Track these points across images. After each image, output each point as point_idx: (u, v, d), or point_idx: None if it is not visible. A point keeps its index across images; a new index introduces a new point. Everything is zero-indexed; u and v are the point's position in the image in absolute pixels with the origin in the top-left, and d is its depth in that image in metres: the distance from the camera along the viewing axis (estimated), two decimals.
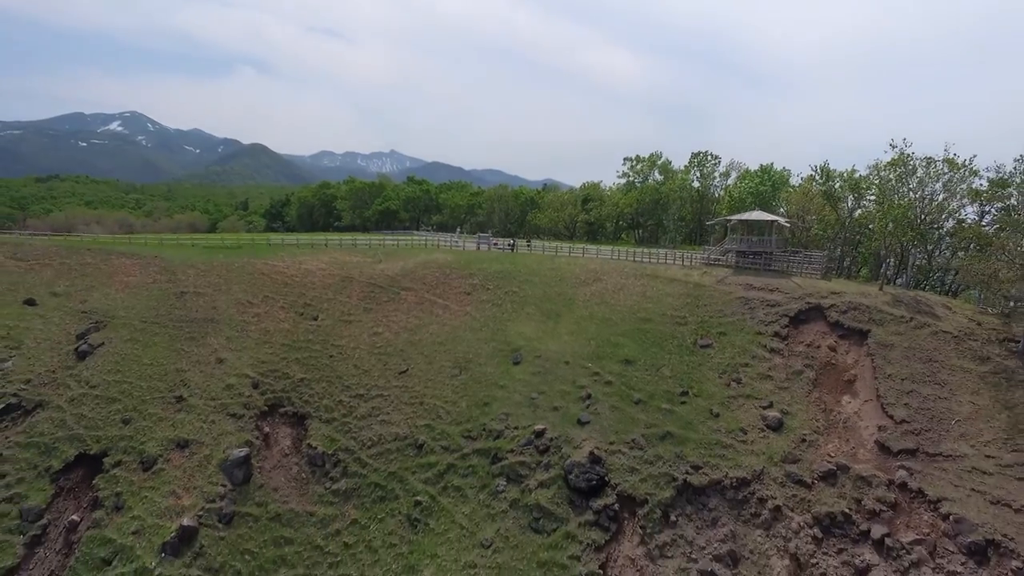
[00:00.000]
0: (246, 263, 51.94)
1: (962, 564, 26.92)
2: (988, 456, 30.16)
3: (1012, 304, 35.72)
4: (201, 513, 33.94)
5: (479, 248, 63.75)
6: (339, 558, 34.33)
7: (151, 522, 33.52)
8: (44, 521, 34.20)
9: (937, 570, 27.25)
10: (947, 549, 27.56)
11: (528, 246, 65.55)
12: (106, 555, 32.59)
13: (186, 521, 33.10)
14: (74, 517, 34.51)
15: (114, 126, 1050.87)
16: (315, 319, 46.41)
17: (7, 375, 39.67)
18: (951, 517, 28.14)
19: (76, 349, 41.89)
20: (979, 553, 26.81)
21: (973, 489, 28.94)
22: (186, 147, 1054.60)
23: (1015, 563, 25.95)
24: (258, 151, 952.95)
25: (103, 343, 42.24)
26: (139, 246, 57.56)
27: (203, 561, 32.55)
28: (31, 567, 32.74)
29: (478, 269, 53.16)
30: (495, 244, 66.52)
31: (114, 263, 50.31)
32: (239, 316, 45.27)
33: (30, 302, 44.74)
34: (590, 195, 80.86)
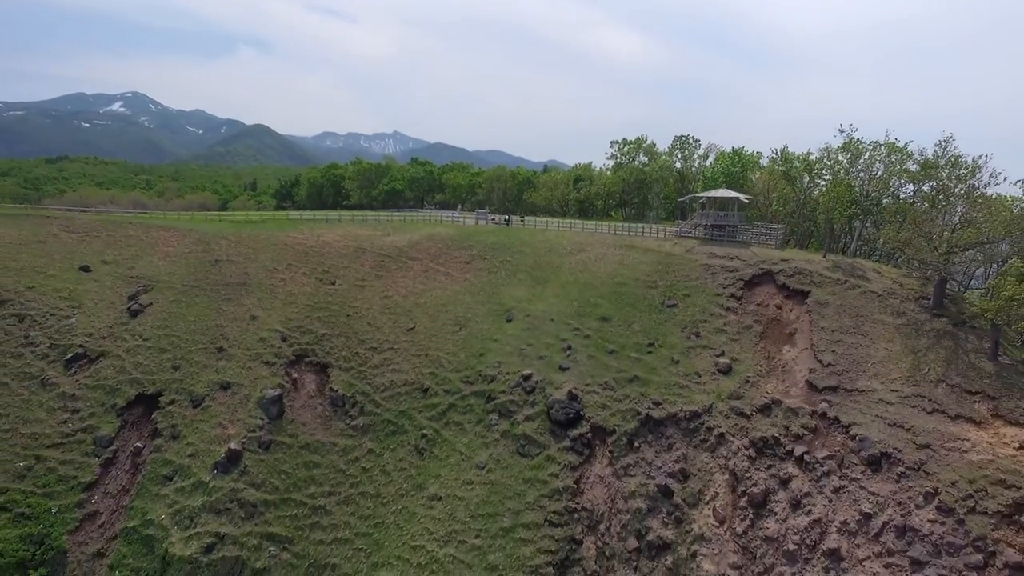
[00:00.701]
0: (271, 235, 58.32)
1: (861, 472, 33.50)
2: (892, 390, 36.61)
3: (918, 265, 41.71)
4: (244, 440, 40.75)
5: (478, 223, 69.90)
6: (358, 479, 41.17)
7: (203, 447, 40.36)
8: (114, 447, 41.05)
9: (842, 477, 33.86)
10: (851, 461, 34.12)
11: (522, 221, 71.62)
12: (167, 472, 39.50)
13: (233, 445, 39.93)
14: (138, 444, 41.37)
15: (116, 107, 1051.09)
16: (333, 284, 52.87)
17: (72, 329, 46.30)
18: (856, 437, 34.67)
19: (128, 308, 48.48)
20: (875, 463, 33.36)
21: (877, 415, 35.44)
22: (188, 128, 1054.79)
23: (900, 468, 32.51)
24: (261, 132, 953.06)
25: (151, 303, 48.83)
26: (174, 220, 63.84)
27: (247, 478, 39.42)
28: (107, 482, 39.66)
29: (477, 241, 59.44)
30: (492, 220, 72.63)
31: (154, 235, 56.71)
32: (267, 281, 51.77)
33: (85, 268, 51.21)
34: (581, 175, 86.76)
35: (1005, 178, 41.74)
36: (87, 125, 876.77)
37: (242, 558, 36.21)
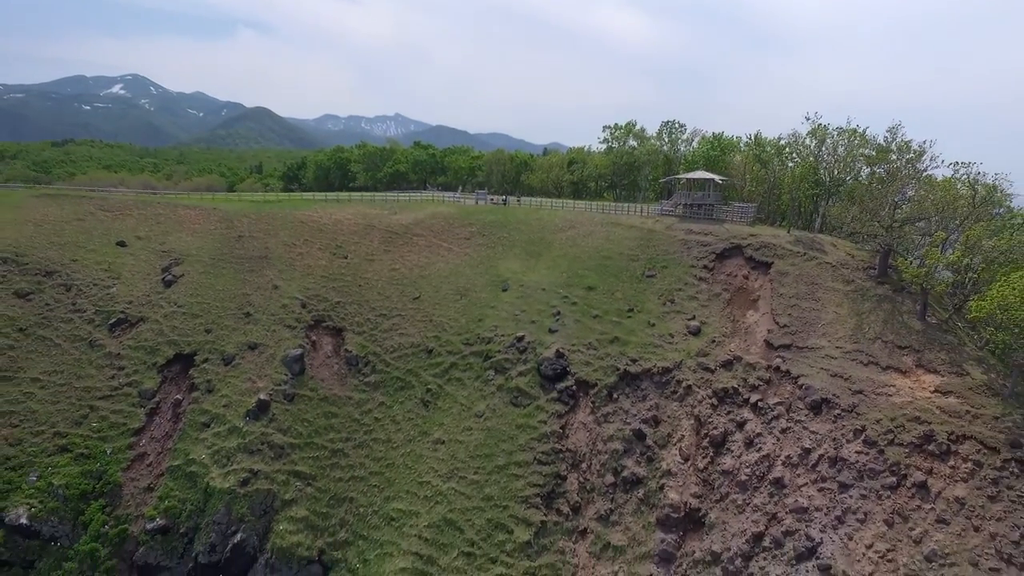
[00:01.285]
0: (288, 214, 63.54)
1: (805, 415, 38.98)
2: (837, 347, 42.01)
3: (866, 238, 46.72)
4: (271, 393, 46.39)
5: (477, 203, 74.95)
6: (371, 427, 46.86)
7: (235, 398, 46.02)
8: (156, 399, 46.75)
9: (789, 420, 39.37)
10: (797, 406, 39.60)
11: (518, 202, 76.63)
12: (205, 420, 45.21)
13: (262, 396, 45.59)
14: (177, 396, 47.03)
15: (116, 89, 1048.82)
16: (345, 258, 58.19)
17: (114, 297, 51.78)
18: (803, 386, 40.12)
19: (163, 279, 53.90)
20: (816, 407, 38.83)
21: (822, 368, 40.86)
22: (189, 110, 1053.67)
23: (836, 411, 38.00)
24: (262, 115, 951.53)
25: (183, 275, 54.26)
26: (198, 200, 69.00)
27: (275, 424, 45.11)
28: (152, 429, 45.40)
29: (476, 220, 64.62)
30: (491, 200, 77.65)
31: (181, 213, 61.96)
32: (286, 254, 57.12)
33: (121, 243, 56.55)
34: (575, 158, 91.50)
35: (943, 161, 46.83)
36: (88, 108, 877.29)
37: (273, 490, 42.00)
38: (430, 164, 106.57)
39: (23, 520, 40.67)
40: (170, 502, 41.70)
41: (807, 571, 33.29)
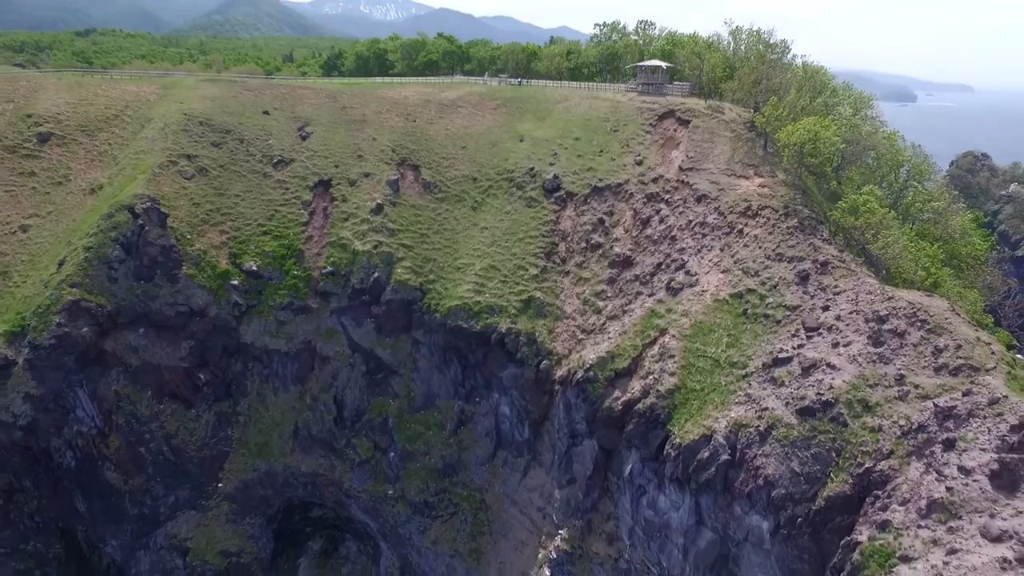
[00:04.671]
0: (370, 92, 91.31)
1: (692, 203, 69.03)
2: (717, 168, 71.65)
3: (744, 101, 74.96)
4: (382, 201, 76.92)
5: (499, 84, 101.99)
6: (443, 221, 77.58)
7: (361, 203, 76.57)
8: (312, 206, 77.34)
9: (684, 207, 69.63)
10: (689, 200, 69.59)
11: (529, 83, 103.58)
12: (344, 216, 75.99)
13: (379, 201, 76.23)
14: (324, 204, 77.67)
15: None
16: (414, 121, 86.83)
17: (272, 147, 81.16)
18: (694, 188, 70.09)
19: (300, 134, 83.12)
20: (699, 199, 68.83)
21: (705, 179, 70.59)
22: None
23: (709, 199, 68.14)
24: None
25: (313, 131, 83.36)
26: (305, 80, 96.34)
27: (387, 217, 75.91)
28: (313, 222, 76.25)
29: (500, 95, 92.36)
30: (509, 82, 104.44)
31: (298, 92, 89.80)
32: (376, 119, 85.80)
33: (266, 112, 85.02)
34: (572, 49, 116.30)
35: (794, 55, 74.54)
36: None
37: (391, 252, 73.49)
38: (457, 54, 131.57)
39: (253, 267, 72.71)
40: (333, 259, 73.44)
41: (680, 276, 64.93)
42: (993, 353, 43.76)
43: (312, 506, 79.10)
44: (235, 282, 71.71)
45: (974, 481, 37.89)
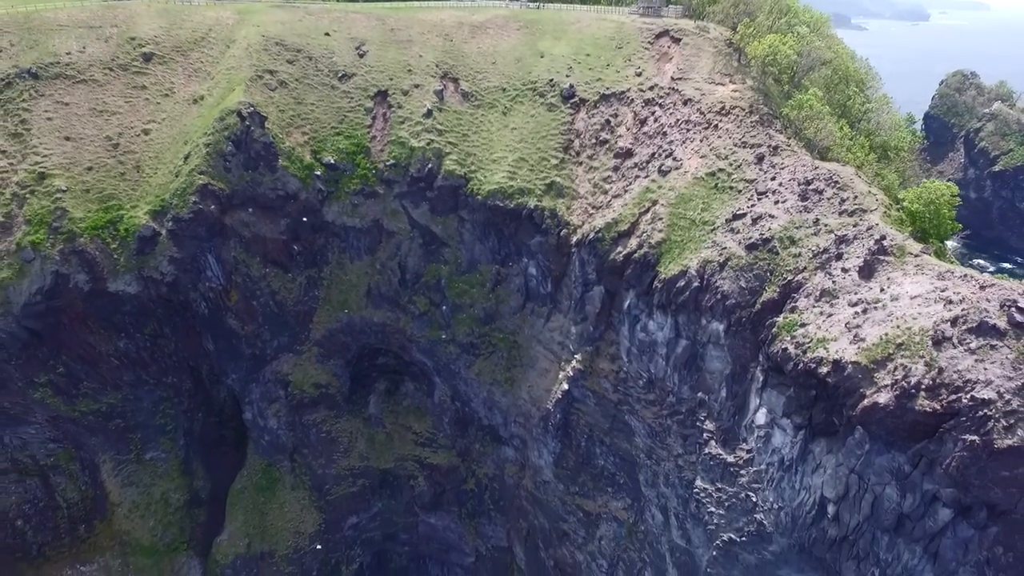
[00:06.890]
0: (412, 16, 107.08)
1: (681, 106, 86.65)
2: (701, 77, 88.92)
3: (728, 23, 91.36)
4: (431, 107, 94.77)
5: (521, 7, 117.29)
6: (480, 124, 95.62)
7: (415, 109, 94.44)
8: (373, 111, 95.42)
9: (674, 109, 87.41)
10: (678, 104, 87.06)
11: (545, 7, 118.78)
12: (401, 120, 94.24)
13: (428, 107, 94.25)
14: (383, 110, 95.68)
15: None
16: (451, 41, 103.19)
17: (335, 63, 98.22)
18: (682, 94, 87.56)
19: (357, 53, 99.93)
20: (685, 103, 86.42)
21: (691, 86, 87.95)
22: None
23: (693, 103, 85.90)
24: None
25: (368, 51, 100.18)
26: (354, 5, 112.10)
27: (436, 121, 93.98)
28: (375, 124, 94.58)
29: (522, 18, 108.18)
30: (530, 5, 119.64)
31: (351, 16, 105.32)
32: (419, 39, 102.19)
33: (327, 34, 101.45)
34: None
35: None
36: None
37: (441, 148, 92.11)
38: None
39: (331, 161, 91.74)
40: (394, 154, 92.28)
41: (668, 161, 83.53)
42: (877, 200, 63.52)
43: (379, 354, 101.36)
44: (318, 173, 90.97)
45: (848, 275, 58.54)
